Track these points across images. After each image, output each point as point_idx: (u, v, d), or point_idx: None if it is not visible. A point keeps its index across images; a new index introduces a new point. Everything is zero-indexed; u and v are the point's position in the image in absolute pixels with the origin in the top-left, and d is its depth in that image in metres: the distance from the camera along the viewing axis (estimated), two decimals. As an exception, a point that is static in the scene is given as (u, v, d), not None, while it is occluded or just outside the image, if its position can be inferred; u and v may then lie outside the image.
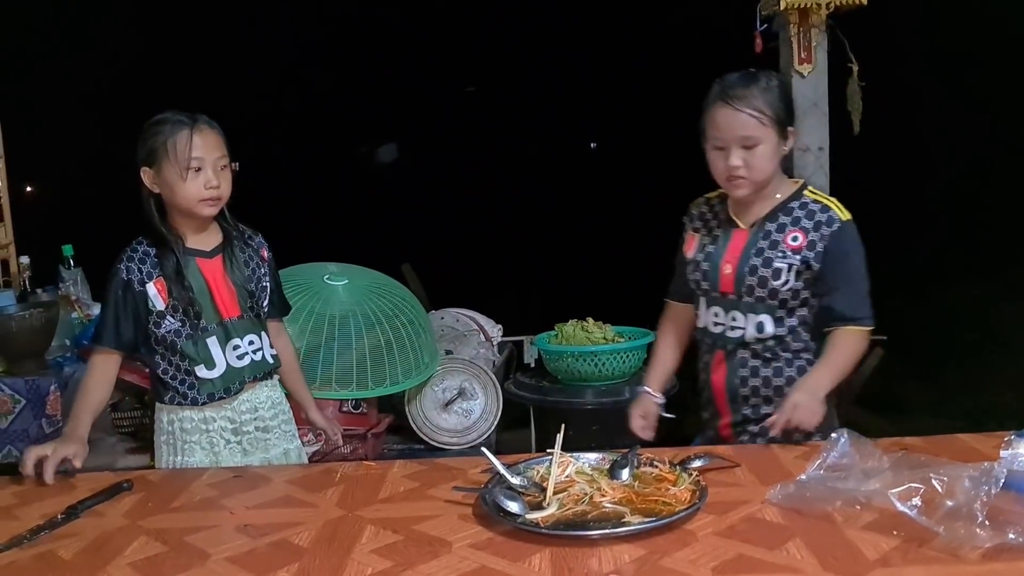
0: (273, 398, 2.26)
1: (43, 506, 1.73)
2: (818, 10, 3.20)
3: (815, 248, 2.00)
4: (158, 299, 2.08)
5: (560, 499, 1.56)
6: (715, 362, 2.15)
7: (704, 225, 2.18)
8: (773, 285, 2.01)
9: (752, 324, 2.06)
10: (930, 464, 1.45)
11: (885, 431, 4.15)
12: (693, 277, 2.15)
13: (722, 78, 2.02)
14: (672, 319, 2.33)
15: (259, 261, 2.23)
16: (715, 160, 2.01)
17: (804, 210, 2.04)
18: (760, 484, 1.63)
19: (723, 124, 1.96)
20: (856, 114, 3.39)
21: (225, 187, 2.10)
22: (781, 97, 1.99)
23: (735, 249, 2.08)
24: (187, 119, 2.05)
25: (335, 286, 3.16)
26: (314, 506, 1.67)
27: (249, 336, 2.17)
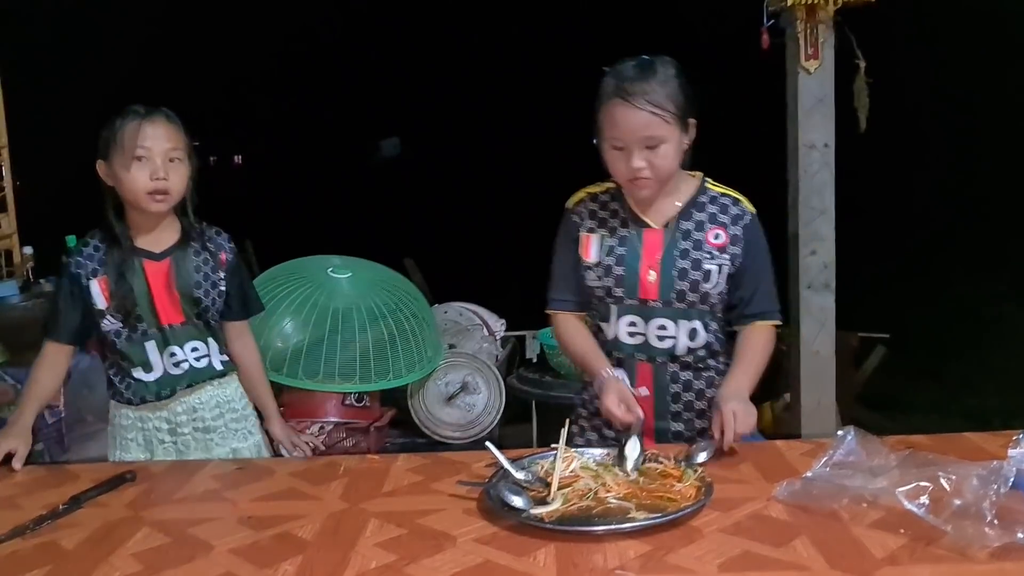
0: (220, 398, 2.20)
1: (45, 496, 1.72)
2: (825, 6, 3.18)
3: (737, 244, 1.93)
4: (100, 298, 2.06)
5: (565, 494, 1.56)
6: (636, 376, 1.96)
7: (600, 224, 1.98)
8: (705, 288, 1.91)
9: (685, 332, 1.93)
10: (938, 463, 1.44)
11: (887, 429, 4.13)
12: (601, 284, 1.95)
13: (615, 69, 1.86)
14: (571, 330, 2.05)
15: (216, 265, 2.15)
16: (615, 161, 1.86)
17: (716, 205, 1.95)
18: (765, 481, 1.62)
19: (623, 124, 1.81)
20: (863, 111, 3.37)
21: (175, 181, 2.03)
22: (681, 87, 1.84)
23: (652, 251, 1.92)
24: (141, 110, 2.01)
25: (339, 279, 3.16)
26: (318, 499, 1.66)
27: (192, 343, 2.12)
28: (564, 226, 2.03)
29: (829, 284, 3.31)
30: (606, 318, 1.99)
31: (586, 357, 1.97)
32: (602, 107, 1.85)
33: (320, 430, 3.02)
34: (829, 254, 3.30)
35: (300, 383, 2.96)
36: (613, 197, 2.00)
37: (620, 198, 1.99)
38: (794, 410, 3.43)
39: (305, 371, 2.96)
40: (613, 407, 1.81)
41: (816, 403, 3.34)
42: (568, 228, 2.02)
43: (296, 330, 3.01)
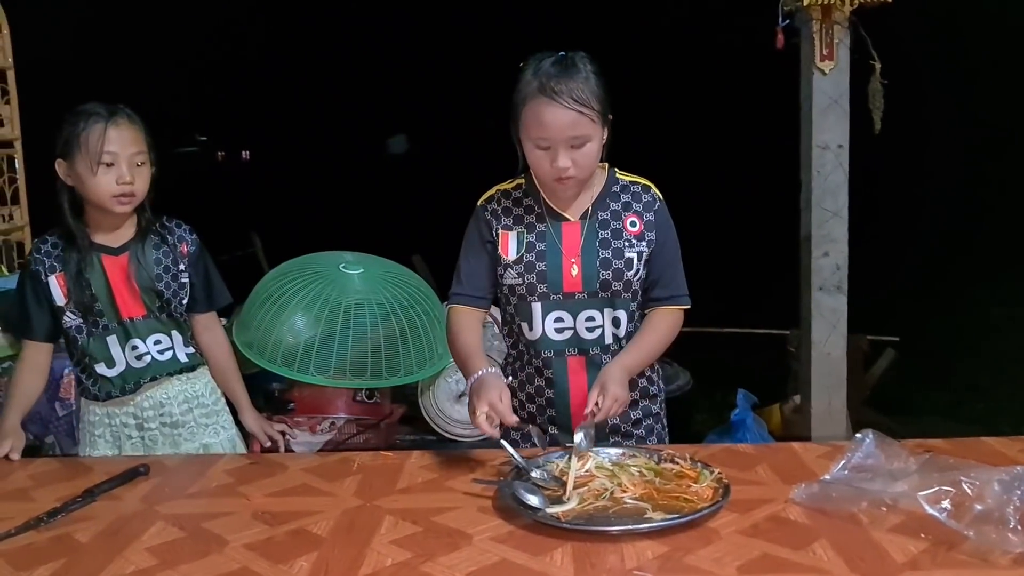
0: (188, 392, 2.20)
1: (59, 489, 1.72)
2: (841, 6, 3.16)
3: (651, 230, 1.93)
4: (59, 294, 2.07)
5: (581, 494, 1.55)
6: (569, 372, 1.93)
7: (516, 221, 1.95)
8: (628, 276, 1.90)
9: (609, 321, 1.92)
10: (959, 467, 1.43)
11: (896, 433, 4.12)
12: (523, 281, 1.91)
13: (536, 65, 1.80)
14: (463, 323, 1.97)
15: (176, 257, 2.15)
16: (539, 160, 1.82)
17: (629, 193, 1.95)
18: (782, 483, 1.61)
19: (550, 123, 1.76)
20: (877, 112, 3.35)
21: (140, 184, 2.04)
22: (600, 83, 1.81)
23: (572, 244, 1.91)
24: (104, 112, 2.00)
25: (351, 275, 3.16)
26: (332, 495, 1.65)
27: (155, 336, 2.13)
28: (475, 224, 1.99)
29: (841, 286, 3.29)
30: (528, 318, 1.94)
31: (469, 353, 1.89)
32: (525, 105, 1.79)
33: (331, 426, 3.02)
34: (842, 256, 3.28)
35: (311, 379, 2.96)
36: (526, 193, 1.97)
37: (533, 193, 1.96)
38: (804, 412, 3.41)
39: (316, 367, 2.96)
40: (482, 423, 1.68)
41: (826, 405, 3.32)
42: (480, 226, 1.97)
43: (307, 325, 3.01)
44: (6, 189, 4.07)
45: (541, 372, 1.96)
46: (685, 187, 4.27)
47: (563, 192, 1.89)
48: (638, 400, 2.01)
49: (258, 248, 6.80)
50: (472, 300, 1.98)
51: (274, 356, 2.98)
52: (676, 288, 1.98)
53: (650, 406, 2.04)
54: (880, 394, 4.71)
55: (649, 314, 1.97)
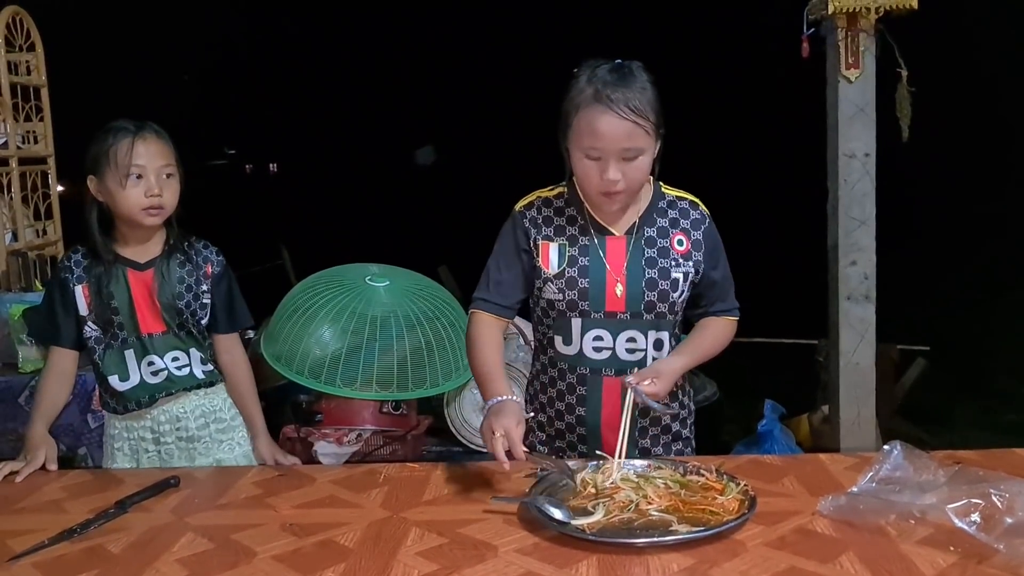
0: (206, 407, 2.21)
1: (91, 500, 1.75)
2: (867, 14, 3.14)
3: (699, 250, 1.88)
4: (83, 304, 2.10)
5: (606, 505, 1.55)
6: (603, 394, 1.87)
7: (558, 232, 1.87)
8: (673, 298, 1.84)
9: (652, 343, 1.86)
10: (989, 479, 1.41)
11: (927, 443, 4.10)
12: (564, 297, 1.84)
13: (591, 72, 1.73)
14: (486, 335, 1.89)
15: (200, 277, 2.16)
16: (588, 170, 1.75)
17: (676, 210, 1.90)
18: (809, 495, 1.60)
19: (605, 133, 1.69)
20: (905, 120, 3.33)
21: (169, 196, 2.06)
22: (656, 96, 1.74)
23: (617, 261, 1.84)
24: (131, 127, 2.03)
25: (377, 287, 3.18)
26: (359, 507, 1.67)
27: (173, 352, 2.14)
28: (512, 230, 1.90)
29: (869, 295, 3.26)
30: (566, 333, 1.87)
31: (491, 372, 1.81)
32: (579, 112, 1.72)
33: (357, 437, 3.04)
34: (869, 265, 3.26)
35: (338, 391, 2.98)
36: (568, 202, 1.89)
37: (576, 203, 1.88)
38: (833, 423, 3.38)
39: (343, 379, 2.98)
40: (498, 448, 1.59)
41: (855, 416, 3.29)
42: (517, 233, 1.89)
43: (334, 338, 3.03)
44: (40, 204, 4.15)
45: (574, 389, 1.90)
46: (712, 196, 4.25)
47: (609, 206, 1.82)
48: (669, 425, 1.98)
49: (286, 260, 6.86)
50: (498, 309, 1.90)
51: (302, 368, 3.01)
52: (729, 300, 1.97)
53: (680, 430, 2.01)
54: (911, 404, 4.66)
55: (704, 321, 1.96)
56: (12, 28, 3.99)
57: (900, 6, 3.12)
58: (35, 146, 4.12)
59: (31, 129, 4.11)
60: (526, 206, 1.91)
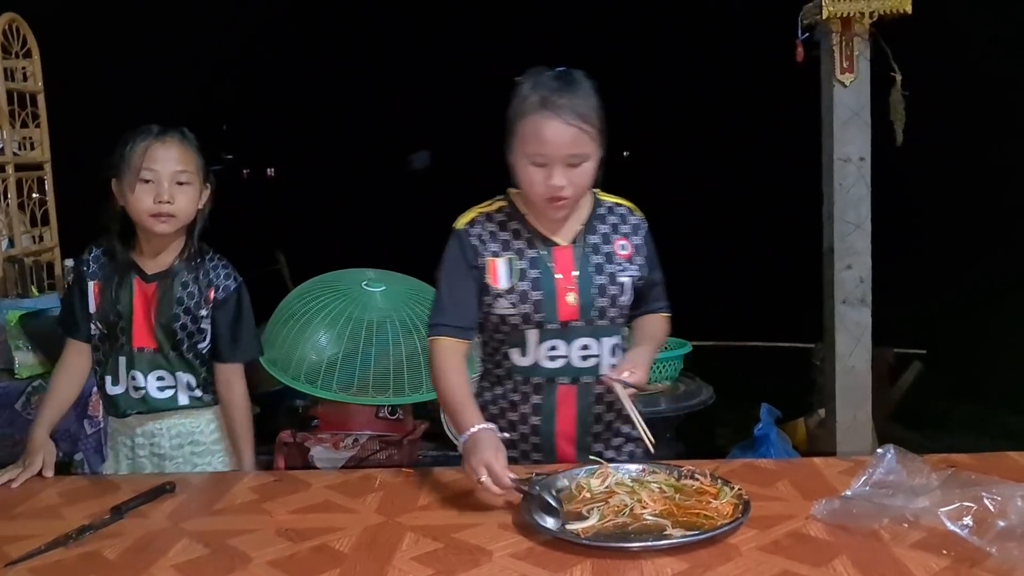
0: (182, 427, 2.14)
1: (88, 506, 1.75)
2: (861, 19, 3.16)
3: (641, 254, 1.93)
4: (92, 300, 2.08)
5: (601, 510, 1.55)
6: (557, 402, 1.88)
7: (504, 247, 1.87)
8: (622, 302, 1.87)
9: (607, 349, 1.88)
10: (981, 483, 1.42)
11: (923, 447, 4.06)
12: (518, 310, 1.83)
13: (535, 79, 1.75)
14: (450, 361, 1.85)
15: (201, 301, 2.07)
16: (532, 177, 1.75)
17: (615, 215, 1.93)
18: (803, 499, 1.60)
19: (551, 139, 1.70)
20: (899, 124, 3.34)
21: (183, 204, 1.99)
22: (599, 103, 1.77)
23: (566, 270, 1.85)
24: (155, 129, 1.99)
25: (373, 292, 3.18)
26: (354, 512, 1.67)
27: (158, 372, 2.08)
28: (457, 249, 1.88)
29: (865, 299, 3.28)
30: (521, 345, 1.87)
31: (460, 402, 1.78)
32: (524, 119, 1.74)
33: (354, 442, 3.04)
34: (865, 269, 3.27)
35: (334, 395, 2.98)
36: (510, 216, 1.89)
37: (518, 216, 1.89)
38: (829, 426, 3.40)
39: (339, 383, 2.98)
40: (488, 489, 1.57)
41: (851, 419, 3.30)
42: (464, 252, 1.87)
43: (331, 343, 3.03)
44: (36, 211, 4.15)
45: (528, 399, 1.90)
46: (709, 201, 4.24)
47: (554, 214, 1.82)
48: (621, 428, 1.99)
49: (283, 265, 6.86)
50: (459, 332, 1.87)
51: (297, 373, 3.01)
52: (663, 301, 2.05)
53: (633, 432, 1.99)
54: (907, 407, 4.66)
55: (644, 319, 2.00)
56: (8, 34, 4.00)
57: (893, 11, 3.14)
58: (32, 152, 4.13)
59: (28, 135, 4.11)
60: (469, 223, 1.90)
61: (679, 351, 3.43)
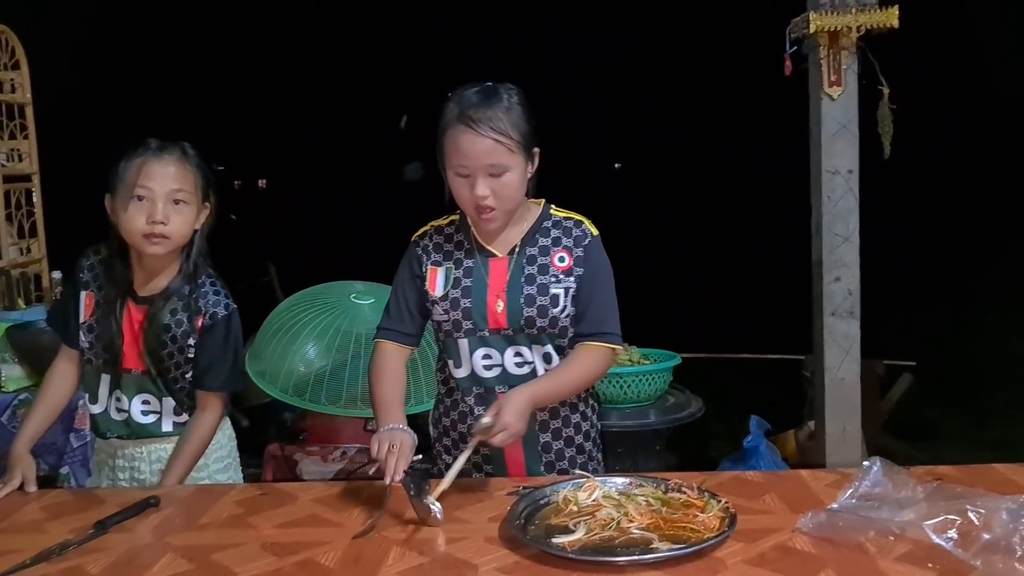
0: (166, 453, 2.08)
1: (71, 521, 1.73)
2: (848, 33, 3.18)
3: (581, 265, 1.90)
4: (83, 310, 2.04)
5: (587, 523, 1.55)
6: None
7: (446, 257, 1.94)
8: (553, 313, 1.88)
9: (539, 356, 1.91)
10: (966, 495, 1.42)
11: (913, 458, 4.10)
12: (449, 317, 1.90)
13: (458, 94, 1.83)
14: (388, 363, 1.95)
15: (189, 328, 2.02)
16: (460, 188, 1.83)
17: (560, 228, 1.93)
18: (790, 512, 1.60)
19: (467, 150, 1.77)
20: (887, 137, 3.36)
21: (177, 225, 1.94)
22: (525, 115, 1.82)
23: (499, 280, 1.89)
24: (153, 146, 1.94)
25: (361, 305, 3.18)
26: (340, 525, 1.66)
27: (143, 396, 2.05)
28: (407, 259, 1.99)
29: (854, 311, 3.28)
30: (456, 356, 1.93)
31: (386, 403, 1.87)
32: (446, 133, 1.81)
33: (342, 455, 3.03)
34: (854, 281, 3.28)
35: (322, 408, 2.98)
36: (458, 228, 1.97)
37: (465, 228, 1.96)
38: (819, 438, 3.40)
39: (327, 396, 2.98)
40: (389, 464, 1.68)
41: (841, 431, 3.30)
42: (411, 262, 1.97)
43: (319, 355, 3.03)
44: (24, 222, 4.13)
45: (473, 410, 1.94)
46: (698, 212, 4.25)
47: (485, 225, 1.88)
48: (573, 438, 2.00)
49: (273, 277, 6.84)
50: (400, 336, 1.97)
51: (286, 386, 3.01)
52: (604, 325, 1.91)
53: (585, 444, 2.02)
54: (897, 419, 4.68)
55: (576, 348, 1.92)
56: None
57: (881, 25, 3.16)
58: (19, 164, 4.12)
59: (16, 147, 4.10)
60: (420, 235, 2.00)
61: (669, 363, 3.43)
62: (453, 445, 2.01)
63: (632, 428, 3.32)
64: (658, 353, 3.58)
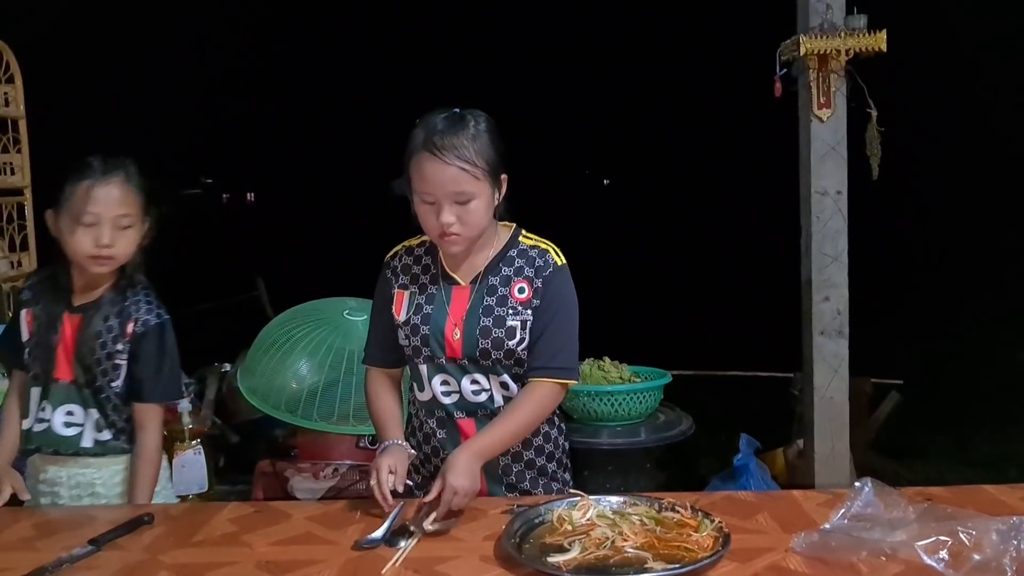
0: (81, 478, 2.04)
1: (64, 538, 1.73)
2: (837, 56, 3.22)
3: (539, 297, 1.87)
4: (25, 328, 2.05)
5: (582, 542, 1.56)
6: (461, 433, 1.91)
7: (412, 281, 1.94)
8: (509, 346, 1.86)
9: (496, 385, 1.91)
10: (957, 516, 1.44)
11: (901, 477, 4.13)
12: (411, 343, 1.90)
13: (425, 121, 1.81)
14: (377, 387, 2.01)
15: (119, 335, 2.01)
16: (425, 215, 1.82)
17: (524, 258, 1.91)
18: (783, 532, 1.62)
19: (432, 178, 1.77)
20: (875, 159, 3.40)
21: (122, 247, 1.97)
22: (492, 142, 1.81)
23: (458, 309, 1.88)
24: (98, 169, 1.94)
25: (354, 321, 3.18)
26: (335, 544, 1.66)
27: (68, 407, 2.03)
28: (380, 281, 1.99)
29: (842, 331, 3.31)
30: (418, 380, 1.95)
31: (381, 420, 1.95)
32: (412, 159, 1.80)
33: (334, 472, 3.02)
34: (842, 301, 3.30)
35: (314, 425, 2.97)
36: (427, 251, 1.97)
37: (433, 252, 1.95)
38: (807, 457, 3.41)
39: (320, 413, 2.97)
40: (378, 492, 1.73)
41: (830, 450, 3.32)
42: (383, 284, 1.98)
43: (311, 372, 3.03)
44: (15, 236, 4.12)
45: (435, 433, 1.95)
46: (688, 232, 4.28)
47: (448, 249, 1.87)
48: (545, 466, 2.00)
49: (262, 292, 6.82)
50: (383, 360, 2.00)
51: (278, 402, 3.00)
52: (555, 359, 1.87)
53: (548, 465, 2.01)
54: (885, 437, 4.69)
55: (527, 385, 1.89)
56: (-9, 60, 4.00)
57: (869, 48, 3.20)
58: (12, 177, 4.11)
59: (8, 161, 4.10)
60: (392, 256, 2.00)
61: (659, 381, 3.44)
62: (423, 463, 2.01)
63: (623, 446, 3.32)
64: (649, 371, 3.59)
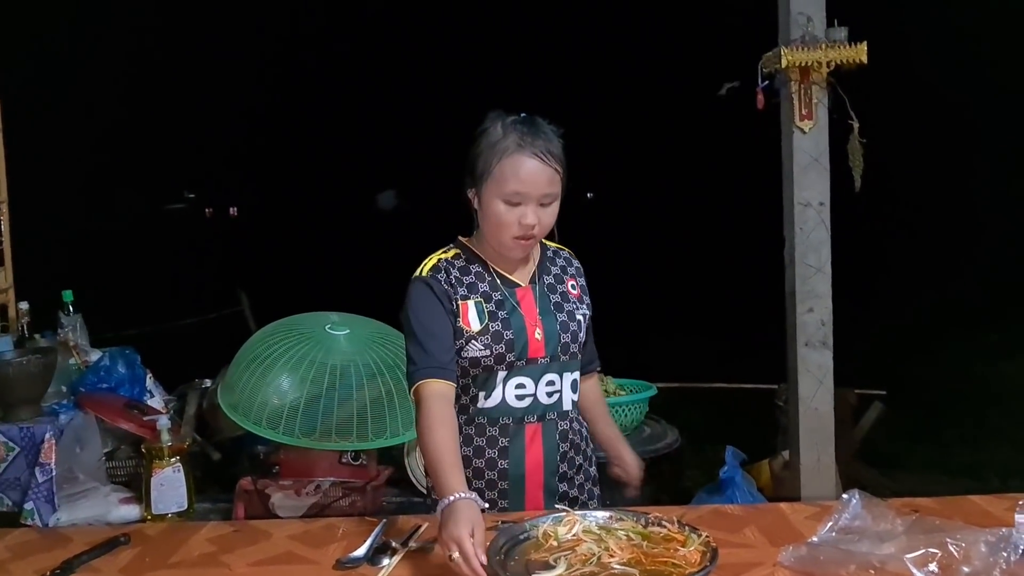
0: None
1: (37, 560, 1.69)
2: (819, 68, 3.23)
3: (586, 295, 2.00)
4: None
5: (568, 559, 1.53)
6: (526, 440, 1.89)
7: (471, 290, 1.88)
8: (581, 338, 1.95)
9: (568, 384, 1.94)
10: (945, 528, 1.43)
11: (885, 487, 4.12)
12: (493, 351, 1.84)
13: (506, 122, 1.81)
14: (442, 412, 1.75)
15: None
16: (504, 216, 1.79)
17: (561, 259, 2.03)
18: (771, 545, 1.60)
19: (529, 178, 1.77)
20: (857, 170, 3.41)
21: None
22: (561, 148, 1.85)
23: (530, 309, 1.90)
24: None
25: (337, 336, 3.15)
26: (315, 563, 1.63)
27: None
28: (429, 293, 1.85)
29: (826, 341, 3.30)
30: (489, 388, 1.87)
31: (443, 462, 1.67)
32: (502, 160, 1.77)
33: (316, 488, 2.98)
34: (826, 312, 3.30)
35: (296, 441, 2.93)
36: (468, 260, 1.92)
37: (477, 260, 1.92)
38: (793, 469, 3.40)
39: (301, 428, 2.93)
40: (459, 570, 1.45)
41: (815, 461, 3.31)
42: (438, 296, 1.85)
43: (293, 387, 2.99)
44: (-8, 251, 4.06)
45: (496, 442, 1.89)
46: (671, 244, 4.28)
47: (519, 252, 1.88)
48: (583, 466, 2.02)
49: (245, 306, 6.77)
50: (444, 373, 1.79)
51: (259, 418, 2.96)
52: (595, 353, 2.14)
53: (590, 469, 2.05)
54: (869, 447, 4.70)
55: (586, 385, 2.06)
56: (-33, 74, 3.95)
57: (850, 61, 3.21)
58: (-12, 193, 4.05)
59: (-16, 176, 4.03)
60: (433, 269, 1.89)
61: (645, 394, 3.43)
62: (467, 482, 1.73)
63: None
64: (634, 384, 3.58)
